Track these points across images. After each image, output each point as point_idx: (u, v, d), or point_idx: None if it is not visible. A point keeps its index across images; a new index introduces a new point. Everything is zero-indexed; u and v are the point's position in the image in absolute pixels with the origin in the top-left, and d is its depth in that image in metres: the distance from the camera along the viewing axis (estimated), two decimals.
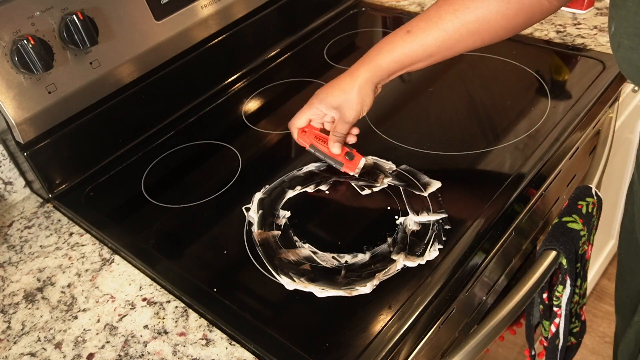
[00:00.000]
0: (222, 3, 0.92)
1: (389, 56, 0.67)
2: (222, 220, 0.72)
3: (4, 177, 0.82)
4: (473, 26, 0.63)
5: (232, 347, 0.57)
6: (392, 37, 0.67)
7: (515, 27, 0.64)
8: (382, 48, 0.67)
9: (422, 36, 0.65)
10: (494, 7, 0.61)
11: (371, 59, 0.68)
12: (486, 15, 0.62)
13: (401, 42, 0.66)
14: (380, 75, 0.68)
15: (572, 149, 0.78)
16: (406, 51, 0.66)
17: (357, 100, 0.68)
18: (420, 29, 0.65)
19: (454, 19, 0.63)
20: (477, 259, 0.62)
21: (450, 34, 0.64)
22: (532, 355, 0.81)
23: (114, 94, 0.83)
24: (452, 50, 0.66)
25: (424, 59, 0.67)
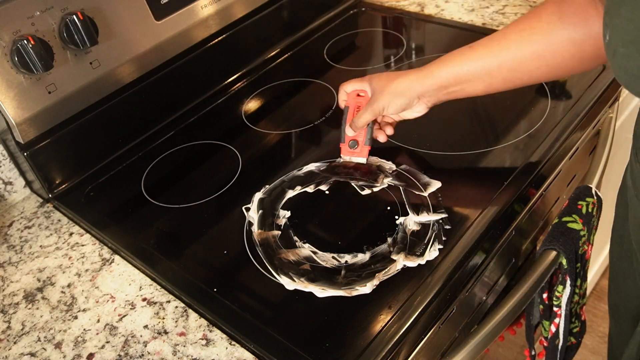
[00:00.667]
0: (222, 3, 0.92)
1: (444, 66, 0.64)
2: (222, 220, 0.72)
3: (4, 177, 0.82)
4: (537, 48, 0.59)
5: (232, 347, 0.57)
6: (453, 52, 0.65)
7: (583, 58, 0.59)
8: (441, 59, 0.65)
9: (482, 52, 0.62)
10: (560, 30, 0.58)
11: (427, 66, 0.66)
12: (552, 37, 0.59)
13: (460, 55, 0.64)
14: (427, 84, 0.65)
15: (572, 149, 0.78)
16: (463, 65, 0.63)
17: (390, 90, 0.67)
18: (482, 44, 0.63)
19: (518, 39, 0.60)
20: (477, 259, 0.62)
21: (513, 54, 0.61)
22: (532, 355, 0.81)
23: (114, 94, 0.83)
24: (515, 74, 0.62)
25: (482, 78, 0.63)
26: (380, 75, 0.71)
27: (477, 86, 0.64)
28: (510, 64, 0.61)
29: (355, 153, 0.74)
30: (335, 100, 0.90)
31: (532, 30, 0.60)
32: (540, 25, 0.59)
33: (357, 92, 0.74)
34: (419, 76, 0.66)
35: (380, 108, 0.69)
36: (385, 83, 0.68)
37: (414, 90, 0.66)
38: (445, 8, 1.08)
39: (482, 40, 0.63)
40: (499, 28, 0.99)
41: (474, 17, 1.04)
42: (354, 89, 0.74)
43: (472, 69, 0.63)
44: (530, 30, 0.60)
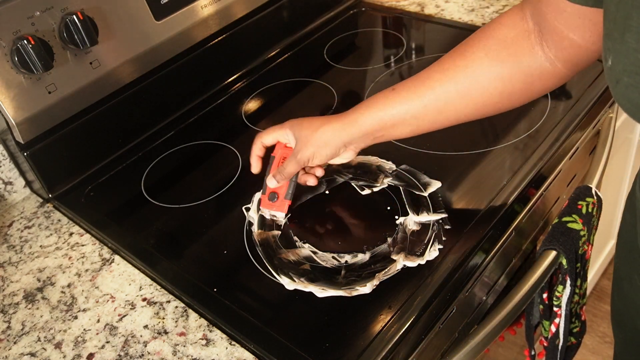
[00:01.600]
0: (222, 3, 0.92)
1: (367, 113, 0.61)
2: (222, 220, 0.72)
3: (4, 177, 0.82)
4: (463, 86, 0.57)
5: (232, 347, 0.57)
6: (376, 95, 0.62)
7: (513, 94, 0.57)
8: (364, 104, 0.62)
9: (406, 94, 0.59)
10: (487, 67, 0.56)
11: (350, 112, 0.63)
12: (478, 75, 0.56)
13: (384, 99, 0.60)
14: (352, 133, 0.62)
15: (572, 149, 0.78)
16: (388, 109, 0.60)
17: (314, 142, 0.63)
18: (405, 87, 0.60)
19: (443, 78, 0.57)
20: (477, 259, 0.62)
21: (437, 94, 0.58)
22: (532, 355, 0.81)
23: (114, 94, 0.83)
24: (441, 116, 0.59)
25: (409, 122, 0.60)
26: (302, 123, 0.65)
27: (404, 129, 0.61)
28: (435, 105, 0.58)
29: (274, 206, 0.69)
30: (335, 101, 0.90)
31: (456, 68, 0.57)
32: (465, 63, 0.57)
33: (285, 144, 0.69)
34: (343, 124, 0.62)
35: (306, 159, 0.64)
36: (308, 132, 0.64)
37: (339, 139, 0.63)
38: (445, 8, 1.08)
39: (405, 82, 0.60)
40: None
41: (474, 17, 1.04)
42: (275, 139, 0.69)
43: (397, 113, 0.60)
44: (454, 69, 0.57)
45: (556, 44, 0.53)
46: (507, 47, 0.55)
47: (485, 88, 0.57)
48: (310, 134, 0.63)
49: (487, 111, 0.59)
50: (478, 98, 0.57)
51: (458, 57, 0.58)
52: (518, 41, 0.55)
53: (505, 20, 0.57)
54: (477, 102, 0.58)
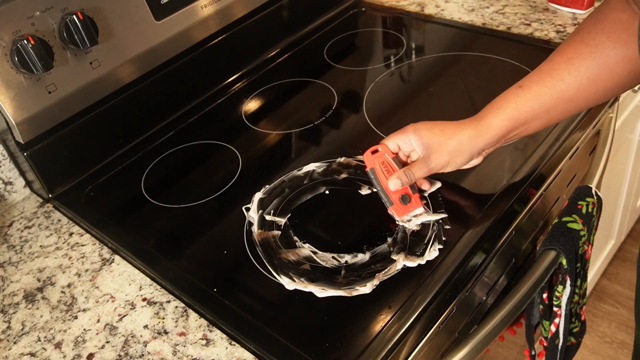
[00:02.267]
0: (222, 3, 0.92)
1: (501, 114, 0.60)
2: (222, 220, 0.72)
3: (4, 177, 0.82)
4: (592, 72, 0.57)
5: (232, 347, 0.57)
6: (504, 94, 0.61)
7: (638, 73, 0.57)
8: (494, 106, 0.61)
9: (536, 88, 0.59)
10: (612, 50, 0.56)
11: (482, 116, 0.61)
12: (604, 59, 0.56)
13: (514, 97, 0.60)
14: (488, 137, 0.61)
15: (572, 149, 0.78)
16: (520, 106, 0.59)
17: (450, 149, 0.61)
18: (533, 82, 0.59)
19: (570, 67, 0.57)
20: (477, 259, 0.62)
21: (568, 84, 0.58)
22: (532, 355, 0.81)
23: (114, 94, 0.83)
24: (573, 104, 0.59)
25: (541, 115, 0.60)
26: (432, 129, 0.63)
27: (536, 124, 0.61)
28: (567, 96, 0.58)
29: (411, 207, 0.65)
30: (335, 101, 0.90)
31: (581, 56, 0.57)
32: (589, 50, 0.57)
33: (371, 150, 0.66)
34: (478, 130, 0.61)
35: (440, 167, 0.63)
36: (442, 139, 0.62)
37: (475, 146, 0.62)
38: (445, 8, 1.08)
39: (530, 76, 0.60)
40: (499, 28, 0.99)
41: (474, 17, 1.04)
42: (397, 143, 0.66)
43: (530, 110, 0.59)
44: (580, 57, 0.57)
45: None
46: (626, 29, 0.55)
47: (615, 71, 0.57)
48: (444, 140, 0.62)
49: (616, 92, 0.59)
50: (607, 82, 0.57)
51: (579, 44, 0.57)
52: (633, 22, 0.55)
53: (613, 4, 0.57)
54: (607, 86, 0.58)
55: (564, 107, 0.59)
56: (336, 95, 0.91)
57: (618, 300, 1.56)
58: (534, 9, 1.03)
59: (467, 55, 0.94)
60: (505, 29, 0.98)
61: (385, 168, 0.66)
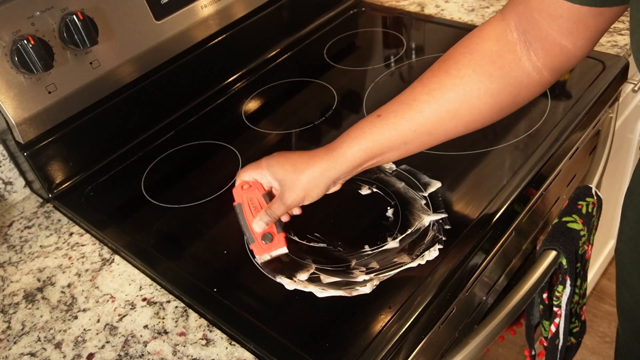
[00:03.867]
0: (222, 3, 0.92)
1: (356, 145, 0.57)
2: (222, 220, 0.72)
3: (4, 177, 0.82)
4: (453, 106, 0.55)
5: (232, 347, 0.57)
6: (361, 124, 0.58)
7: (501, 107, 0.56)
8: (350, 135, 0.59)
9: (394, 120, 0.56)
10: (475, 83, 0.54)
11: (336, 147, 0.59)
12: (467, 93, 0.54)
13: (371, 127, 0.57)
14: (342, 169, 0.59)
15: (572, 149, 0.78)
16: (376, 137, 0.57)
17: (303, 186, 0.59)
18: (392, 112, 0.57)
19: (431, 100, 0.55)
20: (477, 259, 0.62)
21: (427, 117, 0.55)
22: (532, 355, 0.81)
23: (114, 94, 0.83)
24: (431, 137, 0.57)
25: (398, 147, 0.58)
26: (283, 165, 0.61)
27: (393, 155, 0.59)
28: (425, 128, 0.56)
29: (272, 247, 0.63)
30: (335, 101, 0.90)
31: (443, 88, 0.55)
32: (453, 82, 0.55)
33: (241, 185, 0.66)
34: (331, 162, 0.59)
35: (296, 204, 0.61)
36: (294, 177, 0.60)
37: (329, 178, 0.59)
38: (445, 8, 1.09)
39: (390, 106, 0.58)
40: None
41: (474, 17, 1.04)
42: (252, 178, 0.65)
43: (386, 141, 0.57)
44: (441, 90, 0.55)
45: (546, 52, 0.53)
46: (494, 62, 0.54)
47: (475, 105, 0.55)
48: (296, 177, 0.60)
49: (475, 126, 0.58)
50: (468, 116, 0.56)
51: (444, 75, 0.56)
52: (504, 54, 0.54)
53: (486, 33, 0.56)
54: (467, 120, 0.57)
55: (422, 139, 0.58)
56: (336, 95, 0.91)
57: None
58: None
59: None
60: None
61: (253, 205, 0.64)
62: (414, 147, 0.58)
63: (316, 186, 0.60)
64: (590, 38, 0.52)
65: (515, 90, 0.55)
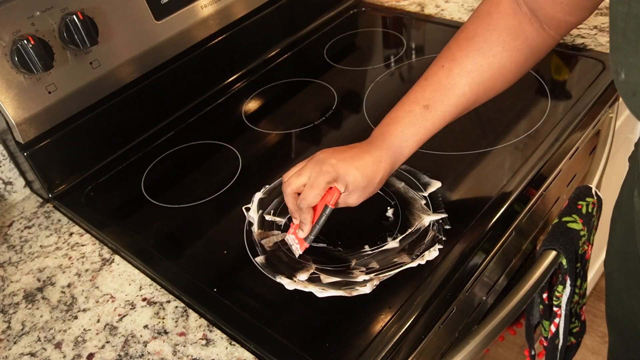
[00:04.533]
0: (222, 3, 0.92)
1: (414, 140, 0.60)
2: (222, 220, 0.72)
3: (4, 177, 0.82)
4: (489, 83, 0.60)
5: (232, 347, 0.57)
6: (411, 116, 0.59)
7: (526, 69, 0.62)
8: (405, 131, 0.59)
9: (442, 108, 0.59)
10: (507, 59, 0.59)
11: (393, 142, 0.60)
12: (500, 68, 0.59)
13: (423, 121, 0.59)
14: (399, 163, 0.61)
15: (572, 149, 0.78)
16: (430, 128, 0.60)
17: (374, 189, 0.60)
18: (438, 101, 0.59)
19: (471, 82, 0.59)
20: (477, 259, 0.62)
21: (468, 98, 0.60)
22: (532, 355, 0.81)
23: (114, 94, 0.83)
24: (470, 109, 0.62)
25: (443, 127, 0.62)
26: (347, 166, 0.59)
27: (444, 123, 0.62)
28: (465, 106, 0.61)
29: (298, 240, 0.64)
30: (335, 101, 0.90)
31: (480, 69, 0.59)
32: (488, 62, 0.59)
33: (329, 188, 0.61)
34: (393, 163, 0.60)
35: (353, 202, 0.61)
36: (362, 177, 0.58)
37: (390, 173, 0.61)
38: (445, 8, 1.08)
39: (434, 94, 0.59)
40: None
41: None
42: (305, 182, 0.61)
43: (437, 129, 0.61)
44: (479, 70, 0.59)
45: (556, 25, 0.59)
46: (519, 36, 0.59)
47: (506, 77, 0.60)
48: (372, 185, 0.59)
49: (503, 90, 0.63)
50: (500, 86, 0.61)
51: (476, 55, 0.59)
52: (524, 27, 0.59)
53: (503, 7, 0.59)
54: (498, 89, 0.62)
55: (463, 113, 0.62)
56: (336, 95, 0.91)
57: None
58: None
59: None
60: None
61: None
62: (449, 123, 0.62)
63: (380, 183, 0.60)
64: (590, 10, 0.58)
65: (537, 54, 0.61)
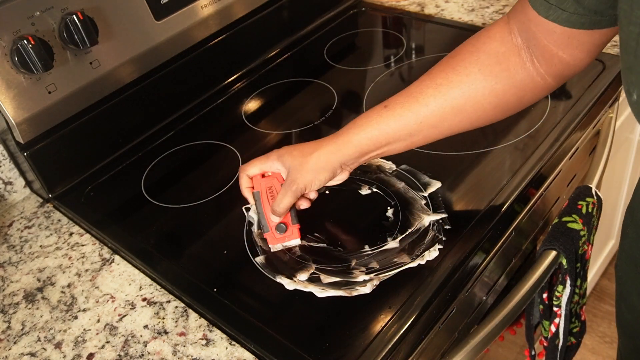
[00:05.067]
0: (222, 3, 0.92)
1: (362, 132, 0.59)
2: (222, 220, 0.72)
3: (4, 177, 0.82)
4: (458, 102, 0.56)
5: (232, 347, 0.57)
6: (368, 113, 0.60)
7: (506, 107, 0.58)
8: (356, 123, 0.60)
9: (400, 111, 0.58)
10: (481, 82, 0.56)
11: (342, 133, 0.61)
12: (472, 91, 0.56)
13: (377, 117, 0.59)
14: (348, 153, 0.60)
15: (572, 149, 0.78)
16: (383, 127, 0.59)
17: (310, 167, 0.60)
18: (399, 104, 0.58)
19: (437, 94, 0.57)
20: (477, 259, 0.62)
21: (432, 110, 0.57)
22: (532, 355, 0.81)
23: (114, 94, 0.83)
24: (436, 130, 0.59)
25: (403, 138, 0.59)
26: (291, 152, 0.62)
27: (398, 146, 0.60)
28: (430, 121, 0.58)
29: (286, 237, 0.65)
30: (335, 101, 0.90)
31: (449, 84, 0.56)
32: (459, 79, 0.56)
33: (261, 174, 0.66)
34: (337, 146, 0.60)
35: (302, 188, 0.61)
36: (301, 160, 0.61)
37: (335, 161, 0.61)
38: (445, 8, 1.09)
39: (397, 97, 0.59)
40: None
41: (474, 17, 1.04)
42: (260, 170, 0.65)
43: (392, 131, 0.59)
44: (447, 85, 0.56)
45: (547, 61, 0.54)
46: (500, 63, 0.55)
47: (480, 103, 0.57)
48: (304, 161, 0.61)
49: (480, 123, 0.60)
50: (472, 113, 0.57)
51: (450, 71, 0.57)
52: (510, 57, 0.55)
53: (493, 34, 0.57)
54: (471, 116, 0.58)
55: (427, 132, 0.59)
56: (336, 95, 0.91)
57: None
58: None
59: None
60: None
61: (271, 193, 0.64)
62: (419, 140, 0.60)
63: (323, 168, 0.61)
64: (587, 51, 0.53)
65: (520, 92, 0.56)
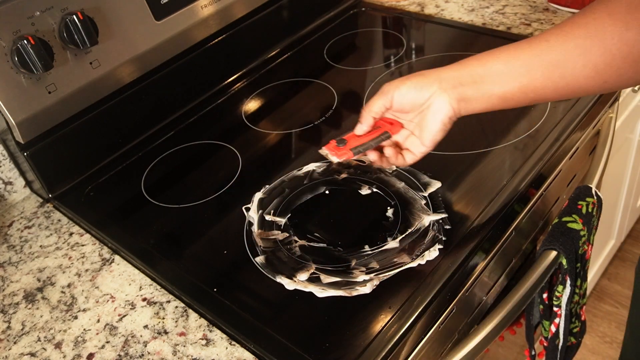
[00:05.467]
0: (222, 3, 0.92)
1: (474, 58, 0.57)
2: (222, 220, 0.72)
3: (4, 177, 0.82)
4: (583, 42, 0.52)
5: (232, 347, 0.57)
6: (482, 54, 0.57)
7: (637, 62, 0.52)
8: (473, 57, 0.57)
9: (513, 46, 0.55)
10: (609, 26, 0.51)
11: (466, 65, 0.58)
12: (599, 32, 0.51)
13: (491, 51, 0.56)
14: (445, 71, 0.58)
15: (572, 149, 0.78)
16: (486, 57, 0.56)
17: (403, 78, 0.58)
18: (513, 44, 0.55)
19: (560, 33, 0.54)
20: (477, 259, 0.62)
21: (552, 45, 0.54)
22: (532, 355, 0.81)
23: (114, 94, 0.83)
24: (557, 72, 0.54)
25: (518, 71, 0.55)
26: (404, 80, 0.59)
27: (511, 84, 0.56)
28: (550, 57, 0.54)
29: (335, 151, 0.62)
30: (335, 101, 0.90)
31: (574, 25, 0.53)
32: (585, 21, 0.52)
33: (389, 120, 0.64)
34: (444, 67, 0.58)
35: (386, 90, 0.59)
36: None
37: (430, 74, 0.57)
38: (445, 8, 1.08)
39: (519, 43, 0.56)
40: (499, 28, 0.99)
41: (474, 17, 1.04)
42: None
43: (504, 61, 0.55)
44: (571, 25, 0.53)
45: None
46: (632, 12, 0.51)
47: (608, 48, 0.51)
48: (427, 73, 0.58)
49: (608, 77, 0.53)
50: (599, 58, 0.52)
51: (577, 16, 0.53)
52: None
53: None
54: (598, 62, 0.52)
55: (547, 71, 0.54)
56: (336, 95, 0.91)
57: (618, 300, 1.57)
58: (534, 9, 1.03)
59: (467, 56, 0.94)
60: (505, 29, 0.98)
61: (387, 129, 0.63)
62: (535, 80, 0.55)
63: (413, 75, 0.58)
64: None
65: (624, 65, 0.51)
